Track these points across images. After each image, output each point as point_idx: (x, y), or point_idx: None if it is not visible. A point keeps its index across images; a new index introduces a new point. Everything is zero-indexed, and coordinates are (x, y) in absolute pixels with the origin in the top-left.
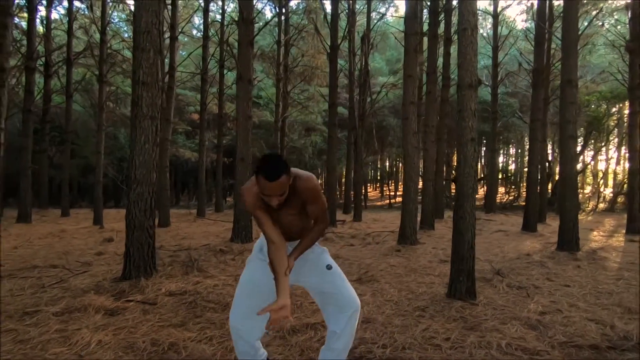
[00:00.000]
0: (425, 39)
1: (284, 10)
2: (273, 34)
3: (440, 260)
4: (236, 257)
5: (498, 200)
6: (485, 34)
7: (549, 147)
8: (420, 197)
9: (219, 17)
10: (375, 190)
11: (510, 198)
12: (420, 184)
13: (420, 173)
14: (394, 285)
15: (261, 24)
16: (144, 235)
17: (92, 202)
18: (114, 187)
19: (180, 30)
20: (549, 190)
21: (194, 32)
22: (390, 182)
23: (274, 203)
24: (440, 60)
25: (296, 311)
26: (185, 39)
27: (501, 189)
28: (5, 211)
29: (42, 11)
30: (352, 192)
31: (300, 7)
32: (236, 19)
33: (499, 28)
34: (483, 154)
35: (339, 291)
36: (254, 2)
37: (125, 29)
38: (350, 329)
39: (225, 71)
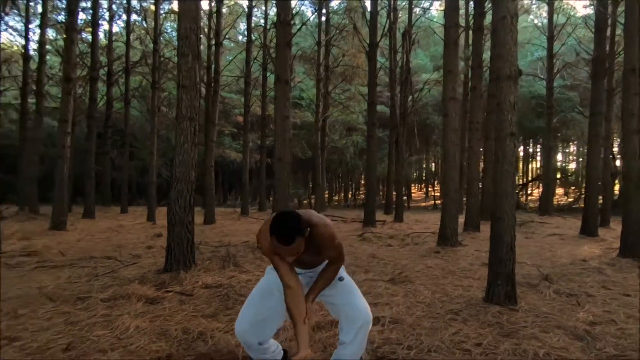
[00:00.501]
0: (471, 33)
1: (324, 11)
2: (314, 36)
3: (482, 264)
4: None
5: (555, 202)
6: (539, 23)
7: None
8: (465, 198)
9: (262, 21)
10: (420, 190)
11: (570, 200)
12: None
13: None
14: (429, 287)
15: (300, 25)
16: (183, 230)
17: (147, 200)
18: (167, 187)
19: (224, 36)
20: (616, 191)
21: (239, 37)
22: (435, 182)
23: (289, 260)
24: (487, 54)
25: (322, 308)
26: (231, 45)
27: (560, 190)
28: (73, 208)
29: (104, 25)
30: (393, 193)
31: (341, 7)
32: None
33: (555, 16)
34: (538, 152)
35: (349, 303)
36: (293, 4)
37: (176, 37)
38: (358, 341)
39: (267, 73)
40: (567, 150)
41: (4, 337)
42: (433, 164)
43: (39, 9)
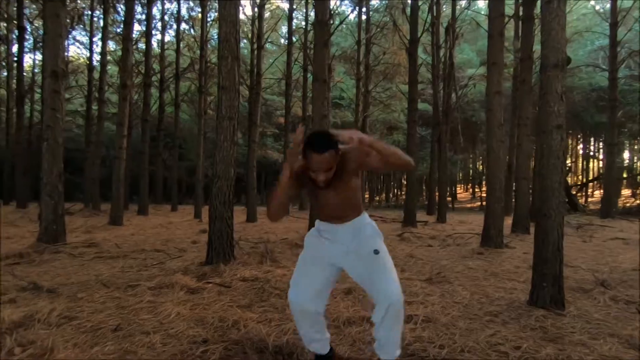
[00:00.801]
0: (520, 23)
1: (364, 9)
2: (354, 35)
3: (529, 266)
4: None
5: (621, 204)
6: (601, 9)
7: None
8: (513, 199)
9: (303, 23)
10: (467, 191)
11: (638, 202)
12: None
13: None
14: (468, 288)
15: (340, 25)
16: (223, 225)
17: (195, 199)
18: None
19: (266, 39)
20: None
21: (282, 40)
22: (481, 182)
23: (321, 179)
24: (538, 46)
25: (355, 303)
26: (274, 48)
27: (626, 192)
28: (130, 206)
29: (157, 35)
30: (436, 193)
31: (382, 4)
32: None
33: (619, 1)
34: (600, 150)
35: (379, 280)
36: (333, 3)
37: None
38: (389, 323)
39: (308, 74)
40: (636, 147)
41: (64, 316)
42: (479, 163)
43: (102, 22)
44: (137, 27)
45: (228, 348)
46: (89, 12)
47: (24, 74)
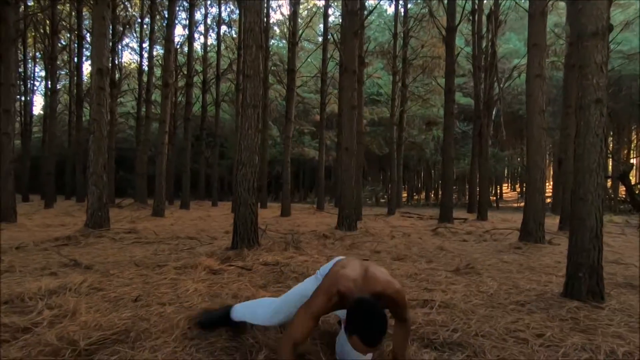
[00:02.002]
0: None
1: (401, 2)
2: (390, 29)
3: None
4: (335, 242)
5: None
6: None
7: None
8: (561, 194)
9: (339, 19)
10: (514, 190)
11: None
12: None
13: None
14: (497, 280)
15: (371, 14)
16: (247, 211)
17: (233, 195)
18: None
19: (300, 34)
20: None
21: (320, 39)
22: None
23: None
24: None
25: None
26: (310, 46)
27: None
28: (175, 202)
29: (201, 39)
30: (477, 189)
31: None
32: None
33: None
34: None
35: None
36: None
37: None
38: None
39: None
40: None
41: (93, 287)
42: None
43: (149, 28)
44: (182, 31)
45: None
46: (139, 20)
47: (83, 79)
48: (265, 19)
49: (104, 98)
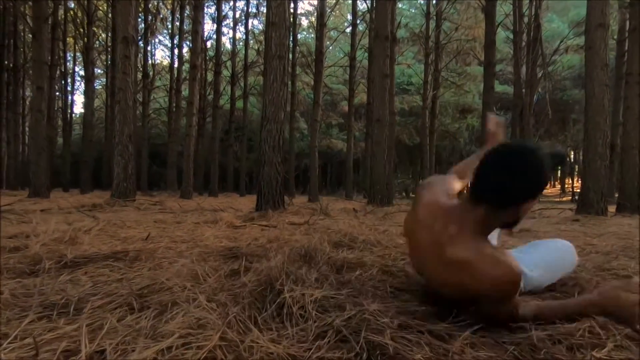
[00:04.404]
0: None
1: None
2: (423, 9)
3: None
4: (367, 214)
5: None
6: None
7: None
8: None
9: (368, 3)
10: (554, 187)
11: None
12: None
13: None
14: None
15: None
16: (272, 170)
17: None
18: (282, 177)
19: (328, 16)
20: None
21: (348, 29)
22: (575, 173)
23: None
24: None
25: None
26: (337, 34)
27: None
28: (203, 193)
29: (229, 33)
30: None
31: None
32: None
33: None
34: None
35: None
36: None
37: None
38: None
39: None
40: None
41: (104, 231)
42: (572, 150)
43: (178, 21)
44: (211, 27)
45: (253, 250)
46: (171, 13)
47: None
48: (292, 8)
49: (130, 67)
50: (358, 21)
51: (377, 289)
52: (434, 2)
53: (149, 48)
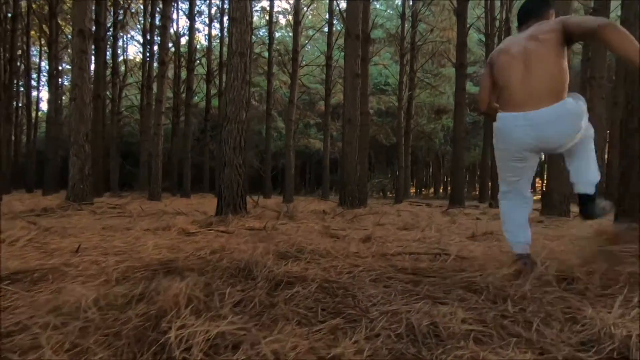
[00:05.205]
0: None
1: None
2: (398, 10)
3: None
4: (335, 216)
5: None
6: None
7: None
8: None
9: (343, 4)
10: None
11: None
12: None
13: None
14: None
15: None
16: (233, 173)
17: None
18: (259, 177)
19: (303, 14)
20: None
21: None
22: (544, 175)
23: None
24: None
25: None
26: (313, 33)
27: None
28: (176, 194)
29: (205, 29)
30: (489, 183)
31: None
32: None
33: None
34: None
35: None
36: None
37: (265, 32)
38: None
39: None
40: None
41: (35, 241)
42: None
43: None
44: (185, 23)
45: (190, 264)
46: (143, 8)
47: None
48: (269, 6)
49: (87, 62)
50: (335, 20)
51: (304, 315)
52: (410, 3)
53: (120, 43)
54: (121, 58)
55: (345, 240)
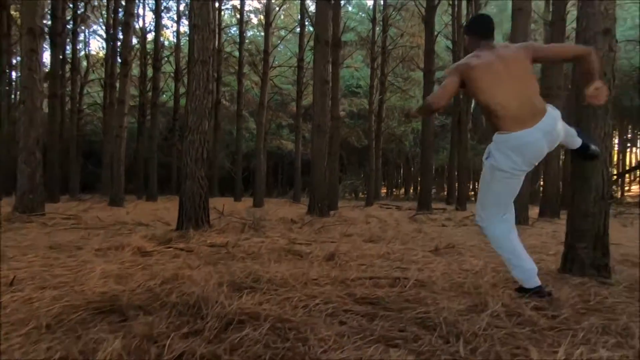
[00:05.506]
0: None
1: None
2: (369, 14)
3: (560, 242)
4: (304, 226)
5: None
6: None
7: None
8: (541, 182)
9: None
10: None
11: None
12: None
13: None
14: (481, 258)
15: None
16: (195, 185)
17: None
18: (230, 179)
19: (274, 16)
20: None
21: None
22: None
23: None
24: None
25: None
26: (286, 34)
27: None
28: (142, 196)
29: (173, 26)
30: (456, 184)
31: None
32: None
33: None
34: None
35: None
36: None
37: (236, 31)
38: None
39: None
40: None
41: None
42: None
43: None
44: (151, 18)
45: (136, 299)
46: (107, 1)
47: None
48: (239, 5)
49: (37, 63)
50: (307, 21)
51: None
52: (381, 7)
53: (81, 37)
54: (83, 53)
55: (309, 258)
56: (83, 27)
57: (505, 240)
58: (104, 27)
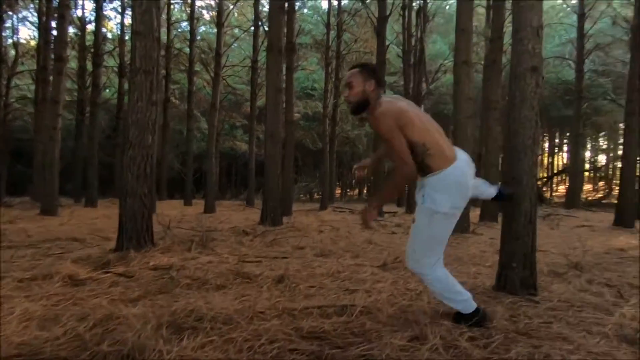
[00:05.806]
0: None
1: None
2: (324, 18)
3: (495, 251)
4: (255, 238)
5: (583, 198)
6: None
7: None
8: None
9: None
10: None
11: (599, 195)
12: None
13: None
14: None
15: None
16: (137, 203)
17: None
18: (180, 180)
19: (227, 15)
20: None
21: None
22: None
23: (344, 94)
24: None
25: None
26: (242, 34)
27: (588, 187)
28: (81, 199)
29: (117, 17)
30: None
31: None
32: None
33: None
34: (565, 145)
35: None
36: None
37: (187, 26)
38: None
39: None
40: (596, 145)
41: None
42: None
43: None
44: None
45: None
46: None
47: None
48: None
49: None
50: (260, 23)
51: None
52: (336, 12)
53: (8, 24)
54: (10, 41)
55: (258, 281)
56: (10, 13)
57: (447, 280)
58: (35, 14)
